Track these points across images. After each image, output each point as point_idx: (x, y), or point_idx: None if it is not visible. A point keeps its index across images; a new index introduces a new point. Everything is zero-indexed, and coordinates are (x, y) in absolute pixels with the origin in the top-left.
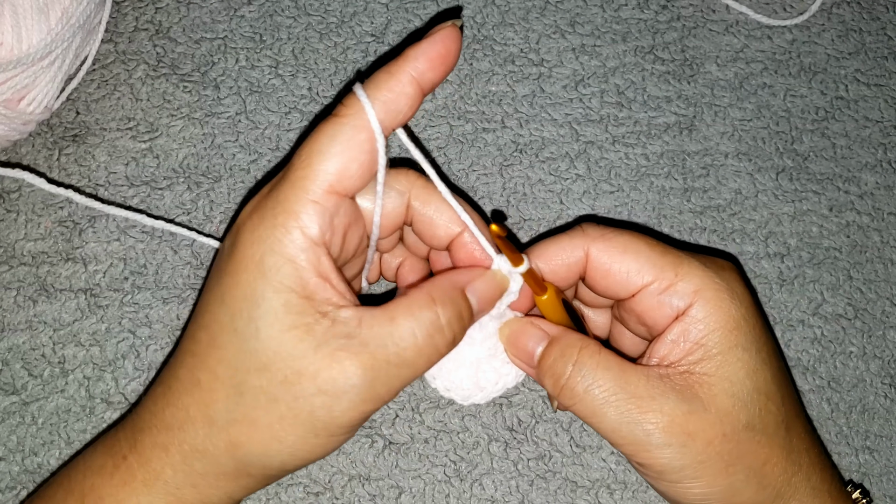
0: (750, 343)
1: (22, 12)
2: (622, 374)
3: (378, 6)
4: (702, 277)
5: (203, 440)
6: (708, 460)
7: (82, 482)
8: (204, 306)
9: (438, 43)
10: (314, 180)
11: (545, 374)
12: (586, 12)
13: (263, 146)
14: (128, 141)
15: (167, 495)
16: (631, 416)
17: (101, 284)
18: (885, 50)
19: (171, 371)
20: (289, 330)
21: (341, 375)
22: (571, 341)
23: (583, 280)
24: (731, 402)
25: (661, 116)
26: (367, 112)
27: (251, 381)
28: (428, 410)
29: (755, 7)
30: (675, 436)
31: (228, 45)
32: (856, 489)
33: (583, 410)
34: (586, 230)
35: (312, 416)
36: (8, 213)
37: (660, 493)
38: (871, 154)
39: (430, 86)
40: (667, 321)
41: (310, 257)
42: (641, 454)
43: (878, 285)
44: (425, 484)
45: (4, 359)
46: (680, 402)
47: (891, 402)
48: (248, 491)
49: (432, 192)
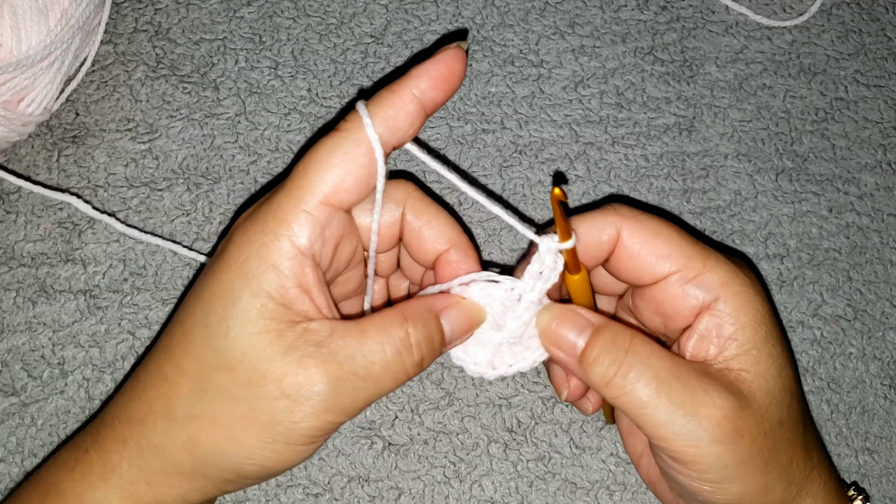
0: (777, 340)
1: (21, 14)
2: (675, 365)
3: (377, 7)
4: (728, 271)
5: (161, 435)
6: (752, 458)
7: (46, 478)
8: (184, 303)
9: (442, 63)
10: (309, 191)
11: (593, 364)
12: (586, 13)
13: (263, 147)
14: (127, 142)
15: (121, 490)
16: (686, 408)
17: (101, 286)
18: (884, 51)
19: (142, 365)
20: (259, 333)
21: (306, 381)
22: (620, 329)
23: (604, 262)
24: (768, 400)
25: (660, 117)
26: (366, 127)
27: (216, 379)
28: (427, 412)
29: (755, 8)
30: (726, 432)
31: (228, 47)
32: (849, 487)
33: (631, 403)
34: (618, 210)
35: (273, 419)
36: (7, 214)
37: (687, 498)
38: (870, 155)
39: (433, 105)
40: (689, 312)
41: (294, 266)
42: (689, 451)
43: (878, 286)
44: (425, 485)
45: (4, 360)
46: (729, 397)
47: (890, 403)
48: (203, 495)
49: (427, 206)
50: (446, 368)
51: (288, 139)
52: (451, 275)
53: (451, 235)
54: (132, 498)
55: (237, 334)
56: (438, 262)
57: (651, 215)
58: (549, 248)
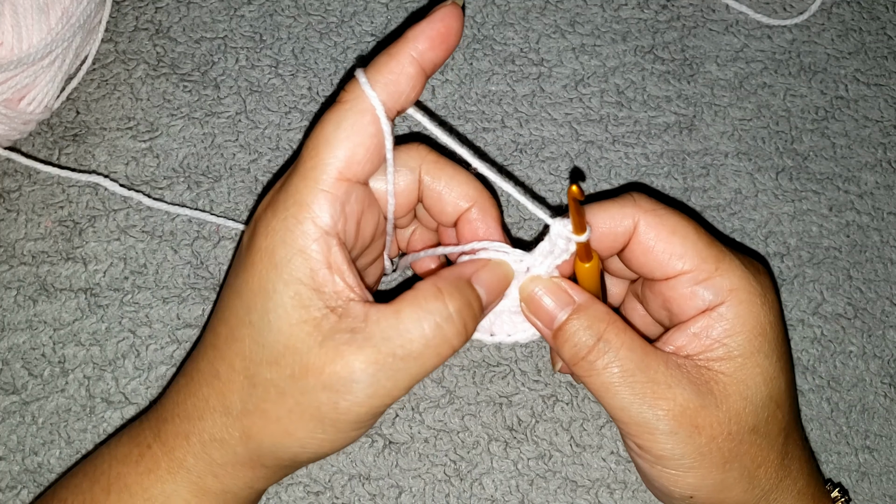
0: (772, 350)
1: (22, 12)
2: (644, 357)
3: (378, 6)
4: (740, 277)
5: (220, 430)
6: (708, 454)
7: (108, 471)
8: (223, 301)
9: (438, 22)
10: (323, 170)
11: (566, 341)
12: (586, 12)
13: (263, 146)
14: (128, 140)
15: (190, 484)
16: (645, 399)
17: (102, 284)
18: (884, 50)
19: (193, 363)
20: (298, 324)
21: (345, 370)
22: (599, 314)
23: (619, 252)
24: (742, 405)
25: (660, 116)
26: (369, 95)
27: (263, 374)
28: (428, 410)
29: (755, 7)
30: (682, 426)
31: (228, 45)
32: (834, 488)
33: (596, 384)
34: (638, 201)
35: (319, 411)
36: (8, 212)
37: (650, 482)
38: (870, 154)
39: (432, 66)
40: (693, 312)
41: (321, 248)
42: (645, 436)
43: (878, 285)
44: (425, 483)
45: (4, 358)
46: (694, 394)
47: (890, 401)
48: (267, 481)
49: (443, 167)
50: (447, 367)
51: (288, 137)
52: (473, 233)
53: (472, 193)
54: (201, 489)
55: (278, 327)
56: (460, 221)
57: (670, 210)
58: (560, 234)
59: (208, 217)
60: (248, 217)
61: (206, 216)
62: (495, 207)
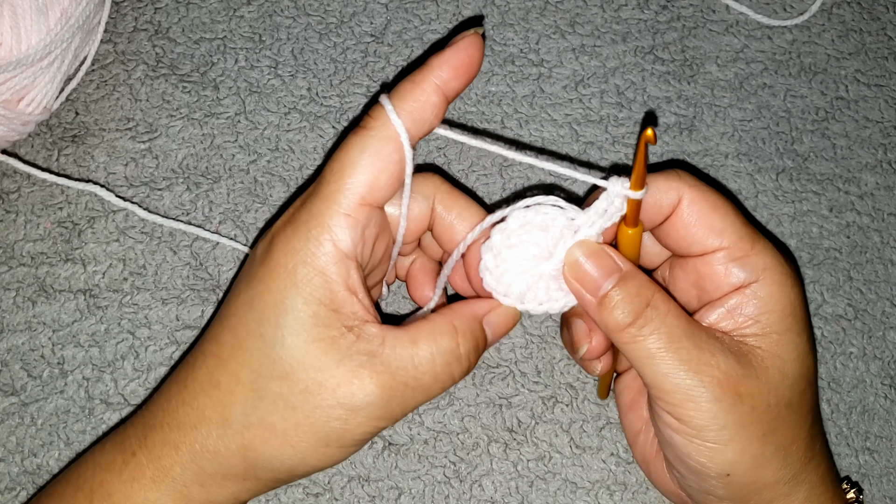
0: (802, 329)
1: (21, 13)
2: (689, 324)
3: (377, 6)
4: (773, 258)
5: (215, 441)
6: (749, 424)
7: (91, 478)
8: (231, 310)
9: (462, 51)
10: (346, 194)
11: (614, 308)
12: (586, 13)
13: (263, 146)
14: (127, 141)
15: (174, 492)
16: (690, 365)
17: (101, 285)
18: (885, 50)
19: (188, 371)
20: (314, 341)
21: (361, 391)
22: (646, 282)
23: (658, 225)
24: (780, 378)
25: (661, 117)
26: (395, 123)
27: (272, 388)
28: (427, 411)
29: (755, 7)
30: (726, 393)
31: (228, 46)
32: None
33: (640, 352)
34: (682, 176)
35: (327, 426)
36: (7, 213)
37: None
38: (871, 154)
39: (454, 94)
40: (726, 290)
41: (340, 270)
42: (687, 405)
43: (879, 286)
44: (425, 485)
45: (3, 360)
46: (736, 363)
47: (891, 402)
48: (253, 493)
49: (456, 198)
50: None
51: (288, 138)
52: None
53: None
54: (185, 499)
55: (293, 343)
56: (469, 252)
57: (711, 188)
58: (618, 193)
59: (202, 232)
60: (257, 236)
61: (200, 231)
62: None
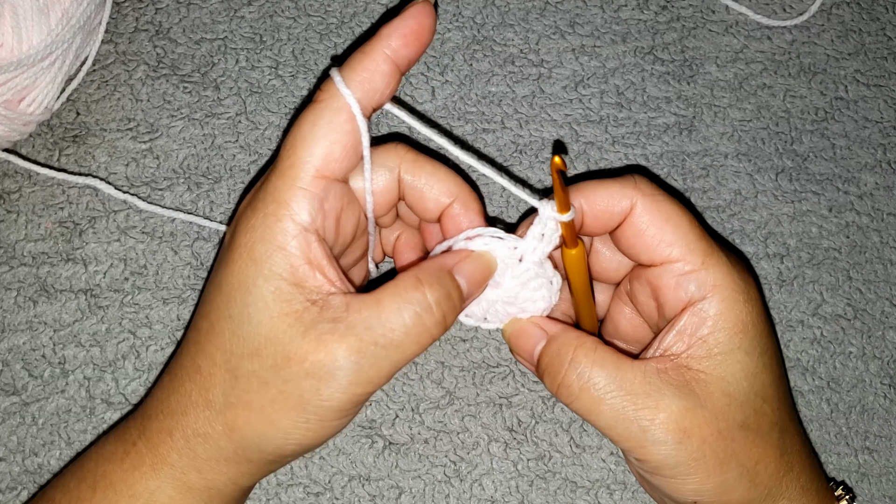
0: (753, 347)
1: (22, 13)
2: (618, 371)
3: (378, 7)
4: (724, 274)
5: (203, 424)
6: (703, 457)
7: (94, 469)
8: (205, 297)
9: (411, 19)
10: (301, 168)
11: (544, 372)
12: (586, 13)
13: (263, 147)
14: (128, 141)
15: (174, 480)
16: (626, 412)
17: (102, 285)
18: (884, 50)
19: (176, 360)
20: (279, 316)
21: (328, 358)
22: (568, 339)
23: (611, 231)
24: (726, 401)
25: (660, 117)
26: (344, 93)
27: (244, 366)
28: (428, 411)
29: (755, 7)
30: (671, 432)
31: (228, 46)
32: (838, 486)
33: (580, 408)
34: (639, 183)
35: (302, 399)
36: (8, 213)
37: (655, 492)
38: (870, 154)
39: (407, 62)
40: (678, 304)
41: (300, 244)
42: (638, 450)
43: (878, 286)
44: (425, 484)
45: (5, 359)
46: (676, 398)
47: (890, 402)
48: (251, 478)
49: (422, 165)
50: (447, 368)
51: None
52: (457, 228)
53: (453, 188)
54: (185, 486)
55: (258, 319)
56: (443, 217)
57: (669, 197)
58: (549, 216)
59: (202, 221)
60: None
61: (200, 220)
62: (477, 201)
